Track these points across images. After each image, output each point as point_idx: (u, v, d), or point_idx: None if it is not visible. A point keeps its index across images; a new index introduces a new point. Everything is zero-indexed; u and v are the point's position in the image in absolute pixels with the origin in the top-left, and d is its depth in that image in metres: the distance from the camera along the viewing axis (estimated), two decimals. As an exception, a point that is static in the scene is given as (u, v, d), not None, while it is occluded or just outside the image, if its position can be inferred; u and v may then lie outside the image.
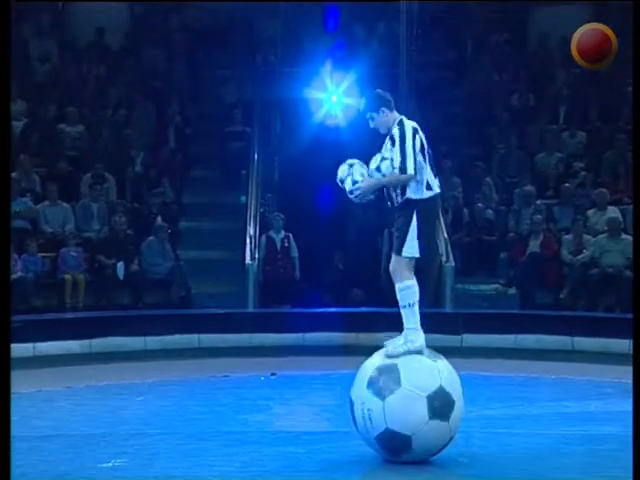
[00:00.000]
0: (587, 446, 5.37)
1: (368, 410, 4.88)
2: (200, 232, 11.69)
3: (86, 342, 9.26)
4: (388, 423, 4.80)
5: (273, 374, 8.02)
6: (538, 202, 11.53)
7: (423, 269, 11.50)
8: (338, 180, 5.15)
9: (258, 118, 12.75)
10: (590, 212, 11.23)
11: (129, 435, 5.69)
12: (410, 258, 5.04)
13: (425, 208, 5.02)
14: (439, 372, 4.93)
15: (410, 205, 5.02)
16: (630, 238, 10.72)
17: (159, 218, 11.39)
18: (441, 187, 5.16)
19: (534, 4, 14.30)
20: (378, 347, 5.19)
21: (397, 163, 4.98)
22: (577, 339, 9.46)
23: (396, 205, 5.10)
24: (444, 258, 10.75)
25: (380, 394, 4.84)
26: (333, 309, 10.65)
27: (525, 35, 14.57)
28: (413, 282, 5.04)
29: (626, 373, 7.95)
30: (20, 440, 5.56)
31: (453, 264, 10.73)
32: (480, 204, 11.71)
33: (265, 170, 12.27)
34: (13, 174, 11.42)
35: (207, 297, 10.87)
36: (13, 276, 10.45)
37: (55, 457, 5.22)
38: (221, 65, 13.65)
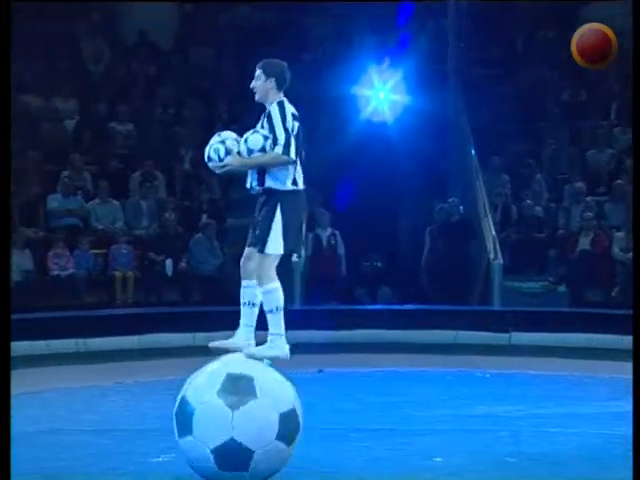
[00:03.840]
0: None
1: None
2: (247, 229, 11.71)
3: (135, 338, 9.37)
4: (234, 434, 4.28)
5: (320, 371, 8.03)
6: (589, 199, 11.37)
7: (471, 267, 11.43)
8: (206, 156, 4.77)
9: (304, 115, 12.75)
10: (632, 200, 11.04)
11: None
12: (275, 256, 4.67)
13: (290, 201, 4.65)
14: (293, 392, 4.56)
15: (273, 197, 4.66)
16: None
17: (205, 216, 11.46)
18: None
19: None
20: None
21: (281, 140, 4.61)
22: (628, 338, 9.30)
23: (253, 192, 4.74)
24: (492, 256, 10.66)
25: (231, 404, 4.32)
26: (380, 306, 10.64)
27: (574, 30, 14.37)
28: (278, 284, 4.66)
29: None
30: (68, 434, 5.66)
31: (501, 262, 10.63)
32: (529, 201, 11.59)
33: (309, 167, 12.26)
34: (65, 172, 11.61)
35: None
36: (65, 273, 10.63)
37: (104, 451, 5.28)
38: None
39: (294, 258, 5.04)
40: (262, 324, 4.88)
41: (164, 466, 4.94)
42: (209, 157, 4.77)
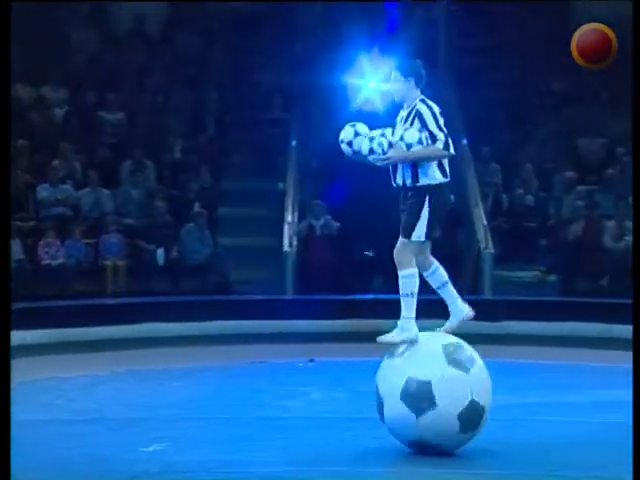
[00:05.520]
0: (621, 433, 5.32)
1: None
2: (238, 219, 11.73)
3: (127, 327, 9.36)
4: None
5: (311, 360, 8.04)
6: (579, 188, 11.40)
7: (461, 257, 11.45)
8: (340, 141, 5.00)
9: (296, 105, 12.74)
10: (632, 198, 11.07)
11: (169, 420, 5.75)
12: (418, 243, 4.97)
13: (438, 195, 4.93)
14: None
15: (423, 190, 4.92)
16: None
17: (197, 204, 11.45)
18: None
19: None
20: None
21: (442, 137, 4.86)
22: (618, 326, 9.36)
23: (408, 186, 4.95)
24: (482, 245, 10.68)
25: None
26: (371, 296, 10.65)
27: (567, 19, 14.36)
28: (416, 270, 4.98)
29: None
30: (62, 424, 5.67)
31: (492, 251, 10.65)
32: (520, 190, 11.60)
33: (303, 157, 12.27)
34: (55, 161, 11.56)
35: (245, 283, 10.92)
36: (56, 262, 10.61)
37: (96, 440, 5.29)
38: (260, 52, 13.65)
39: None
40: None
41: (155, 455, 4.95)
42: (372, 150, 4.96)
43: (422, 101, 5.00)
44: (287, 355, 8.37)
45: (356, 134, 5.01)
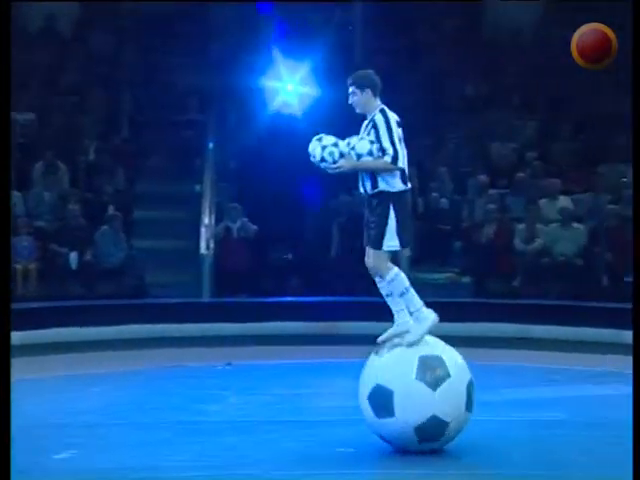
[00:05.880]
0: (534, 431, 5.47)
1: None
2: (154, 221, 11.61)
3: (38, 332, 9.16)
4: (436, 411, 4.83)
5: (229, 364, 8.01)
6: (491, 192, 11.64)
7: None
8: (311, 157, 5.12)
9: (213, 106, 12.68)
10: (542, 201, 11.37)
11: (83, 426, 5.65)
12: (391, 251, 5.05)
13: (401, 201, 5.03)
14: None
15: (386, 198, 5.02)
16: (581, 227, 10.87)
17: (111, 207, 11.29)
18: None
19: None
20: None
21: (390, 151, 4.98)
22: (528, 327, 9.60)
23: (369, 194, 5.08)
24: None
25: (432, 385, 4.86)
26: (289, 298, 10.67)
27: (479, 24, 14.66)
28: (397, 270, 5.07)
29: (575, 360, 8.12)
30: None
31: (408, 253, 10.78)
32: (435, 193, 11.79)
33: (220, 159, 12.22)
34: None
35: (162, 287, 10.82)
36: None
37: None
38: (175, 52, 13.53)
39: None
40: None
41: (65, 462, 4.86)
42: (323, 159, 5.06)
43: (381, 111, 5.13)
44: (204, 359, 8.32)
45: (320, 144, 5.11)
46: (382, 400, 4.88)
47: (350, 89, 5.18)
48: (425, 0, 13.99)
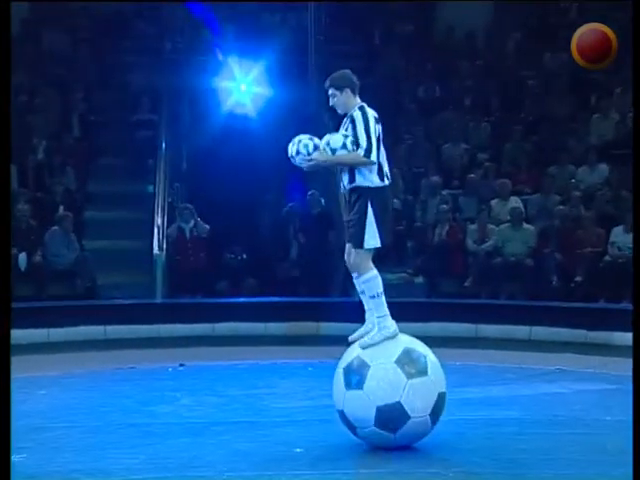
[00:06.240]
0: (488, 429, 5.51)
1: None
2: (106, 222, 11.49)
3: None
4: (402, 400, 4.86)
5: (181, 365, 7.96)
6: (444, 192, 11.72)
7: (333, 260, 11.55)
8: (289, 154, 5.14)
9: (166, 106, 12.59)
10: (493, 202, 11.48)
11: (31, 429, 5.56)
12: (373, 249, 5.07)
13: (380, 197, 5.04)
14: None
15: (364, 194, 5.03)
16: (531, 228, 11.00)
17: (62, 207, 11.14)
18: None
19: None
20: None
21: (364, 144, 4.99)
22: (480, 326, 9.69)
23: (344, 191, 5.11)
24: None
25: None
26: (242, 299, 10.63)
27: (431, 27, 14.78)
28: (376, 272, 5.10)
29: (527, 359, 8.21)
30: None
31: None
32: (388, 194, 11.83)
33: (173, 159, 12.14)
34: None
35: (114, 288, 10.70)
36: None
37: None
38: (127, 51, 13.41)
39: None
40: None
41: (16, 467, 4.77)
42: (298, 151, 5.07)
43: (360, 108, 5.16)
44: (157, 360, 8.25)
45: (296, 139, 5.14)
46: (356, 372, 4.94)
47: (329, 91, 5.22)
48: (378, 0, 14.07)
